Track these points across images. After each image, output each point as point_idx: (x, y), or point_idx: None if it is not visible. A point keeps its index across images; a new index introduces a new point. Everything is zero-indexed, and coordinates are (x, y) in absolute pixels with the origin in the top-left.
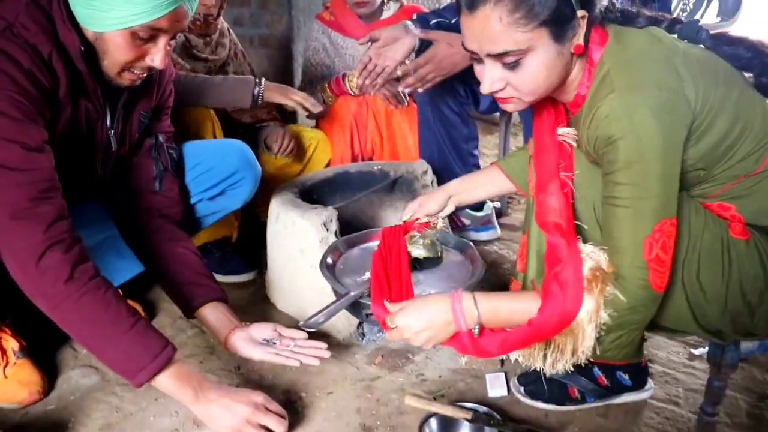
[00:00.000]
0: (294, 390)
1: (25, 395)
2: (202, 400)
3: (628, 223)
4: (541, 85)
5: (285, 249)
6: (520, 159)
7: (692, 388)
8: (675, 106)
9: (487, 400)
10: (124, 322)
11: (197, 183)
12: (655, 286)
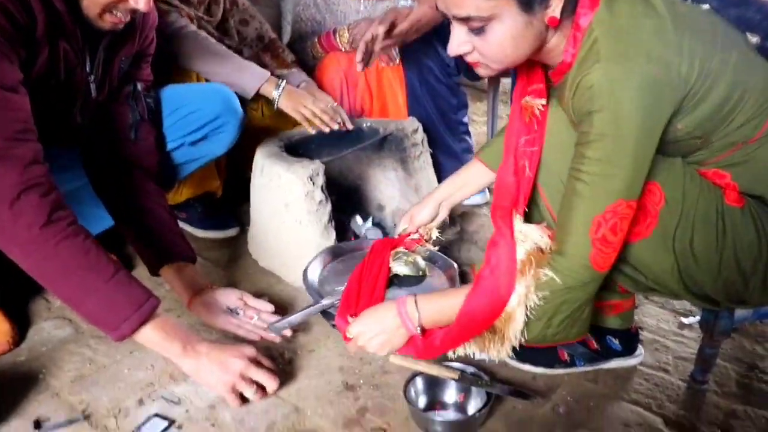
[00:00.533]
0: (275, 347)
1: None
2: (191, 354)
3: (585, 198)
4: (508, 55)
5: (269, 203)
6: (499, 146)
7: (682, 356)
8: (663, 81)
9: (474, 361)
10: (104, 271)
11: (178, 127)
12: (597, 265)
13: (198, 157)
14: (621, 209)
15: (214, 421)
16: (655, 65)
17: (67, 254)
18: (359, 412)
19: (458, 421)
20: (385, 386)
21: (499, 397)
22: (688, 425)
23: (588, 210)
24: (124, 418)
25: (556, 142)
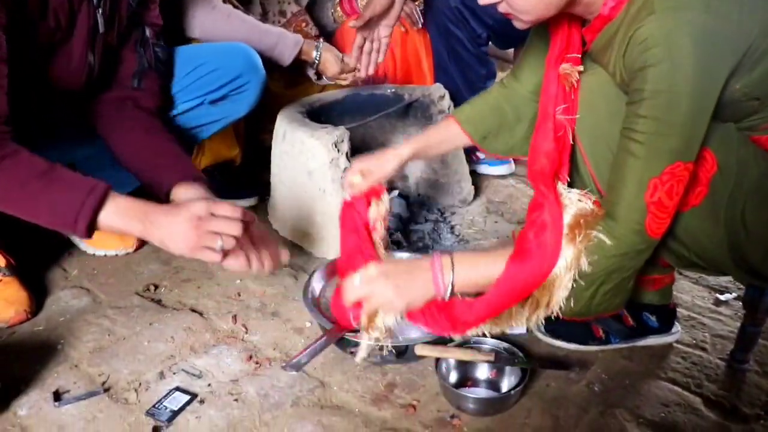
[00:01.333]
0: (301, 318)
1: (12, 314)
2: (151, 228)
3: (639, 159)
4: (536, 6)
5: (291, 171)
6: (479, 112)
7: (719, 333)
8: (722, 34)
9: (506, 337)
10: (46, 172)
11: (199, 85)
12: (651, 231)
13: (218, 119)
14: (678, 171)
15: (237, 395)
16: (714, 17)
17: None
18: (387, 388)
19: (493, 398)
20: (415, 362)
21: (532, 374)
22: (729, 406)
23: (643, 171)
24: (145, 392)
25: (598, 107)
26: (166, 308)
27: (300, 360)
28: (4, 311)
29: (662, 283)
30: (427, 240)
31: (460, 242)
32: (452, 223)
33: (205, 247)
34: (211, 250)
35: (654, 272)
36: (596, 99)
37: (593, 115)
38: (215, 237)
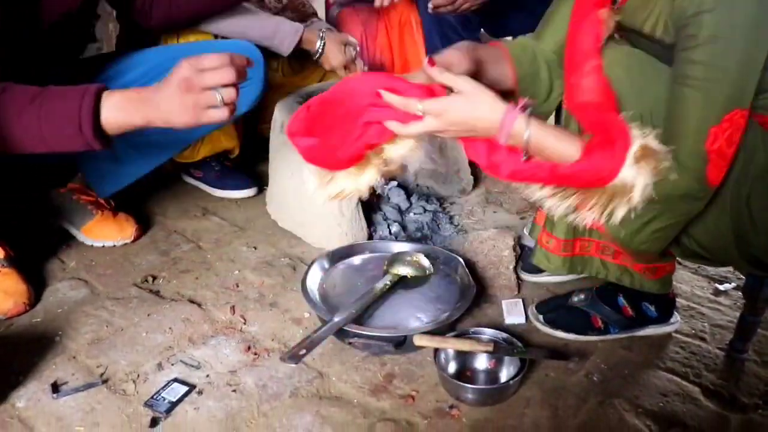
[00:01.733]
0: (298, 308)
1: (10, 306)
2: (151, 112)
3: (697, 107)
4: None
5: (289, 162)
6: (521, 45)
7: (718, 323)
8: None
9: (504, 327)
10: (37, 95)
11: None
12: (711, 179)
13: None
14: (736, 118)
15: (235, 386)
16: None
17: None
18: (386, 378)
19: (491, 388)
20: (413, 352)
21: (531, 364)
22: (728, 395)
23: (702, 119)
24: (143, 383)
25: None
26: (164, 299)
27: (298, 351)
28: (2, 303)
29: (663, 272)
30: (426, 230)
31: (459, 232)
32: (451, 214)
33: (206, 107)
34: (214, 108)
35: (656, 260)
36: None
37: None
38: (212, 93)
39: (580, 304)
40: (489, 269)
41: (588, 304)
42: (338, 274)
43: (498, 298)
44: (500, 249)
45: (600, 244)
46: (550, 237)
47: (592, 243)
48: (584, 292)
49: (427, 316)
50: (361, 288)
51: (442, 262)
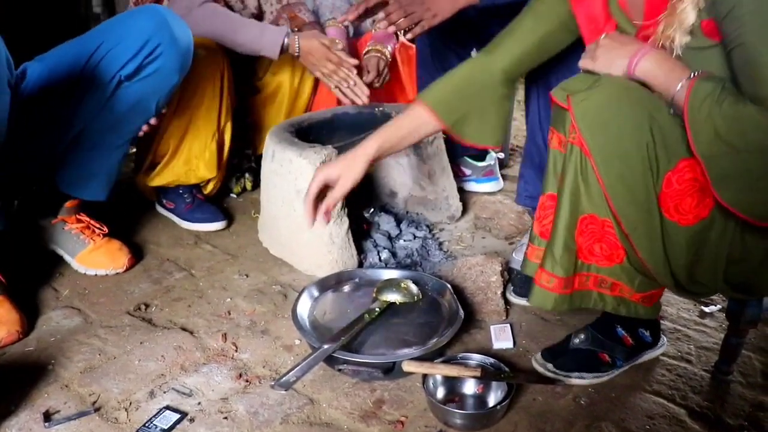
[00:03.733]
0: (289, 336)
1: (3, 334)
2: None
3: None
4: None
5: (280, 190)
6: (446, 87)
7: (704, 345)
8: None
9: (492, 352)
10: None
11: (109, 61)
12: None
13: (148, 94)
14: None
15: (227, 413)
16: None
17: None
18: (376, 405)
19: (479, 413)
20: (402, 378)
21: (519, 389)
22: (713, 417)
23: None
24: (135, 411)
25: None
26: (156, 327)
27: (289, 378)
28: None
29: (658, 296)
30: (416, 257)
31: (448, 258)
32: (440, 240)
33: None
34: None
35: (654, 287)
36: (607, 116)
37: (604, 133)
38: None
39: (582, 344)
40: (477, 295)
41: (591, 343)
42: (328, 301)
43: (486, 323)
44: (488, 275)
45: (598, 278)
46: (551, 276)
47: (590, 277)
48: (582, 332)
49: (415, 342)
50: (351, 315)
51: (431, 288)
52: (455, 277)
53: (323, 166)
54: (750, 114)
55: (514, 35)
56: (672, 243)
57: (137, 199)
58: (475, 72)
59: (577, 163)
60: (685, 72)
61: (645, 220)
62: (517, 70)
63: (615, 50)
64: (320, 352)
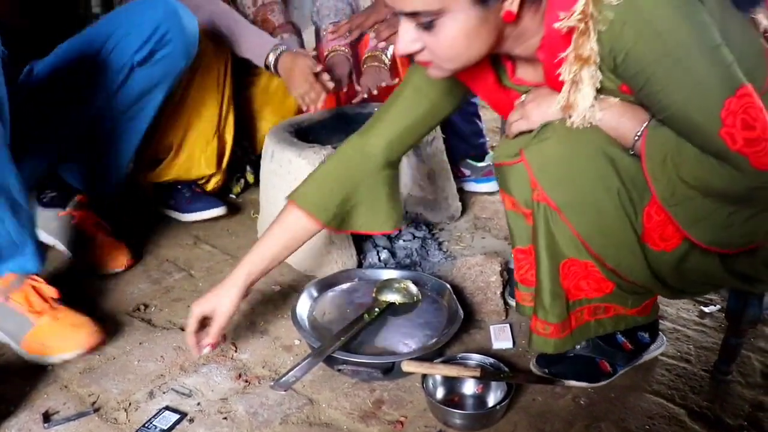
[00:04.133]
0: (289, 336)
1: (86, 337)
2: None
3: (698, 127)
4: (461, 53)
5: (279, 190)
6: (320, 183)
7: (704, 345)
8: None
9: (492, 352)
10: None
11: (122, 48)
12: (761, 166)
13: (156, 83)
14: (734, 106)
15: (226, 414)
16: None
17: None
18: (375, 405)
19: (478, 413)
20: (402, 378)
21: (518, 389)
22: (713, 417)
23: (711, 130)
24: (135, 411)
25: (573, 176)
26: (155, 327)
27: (288, 378)
28: (76, 336)
29: (653, 303)
30: (415, 257)
31: (448, 258)
32: (440, 240)
33: None
34: None
35: (646, 298)
36: (567, 169)
37: (569, 188)
38: None
39: (583, 351)
40: (477, 295)
41: (591, 350)
42: (328, 301)
43: (486, 323)
44: (488, 275)
45: (591, 308)
46: (545, 324)
47: (584, 310)
48: None
49: (415, 342)
50: (351, 315)
51: (430, 288)
52: (455, 277)
53: (197, 300)
54: (709, 164)
55: (391, 113)
56: (661, 265)
57: (136, 199)
58: (352, 160)
59: (547, 218)
60: (637, 117)
61: (629, 255)
62: (399, 150)
63: (546, 101)
64: (319, 352)
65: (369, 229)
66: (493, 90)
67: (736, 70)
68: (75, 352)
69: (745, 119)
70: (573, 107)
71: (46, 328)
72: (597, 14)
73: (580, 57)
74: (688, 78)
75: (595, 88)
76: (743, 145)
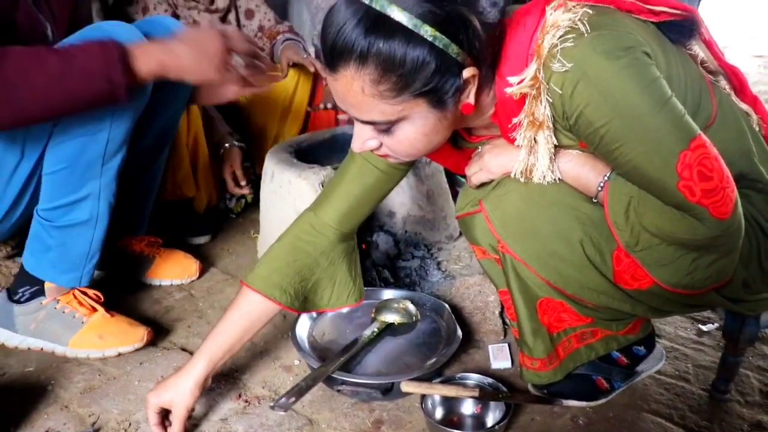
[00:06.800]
0: (289, 357)
1: (144, 332)
2: (174, 59)
3: (654, 179)
4: (420, 150)
5: (279, 210)
6: (275, 263)
7: (702, 364)
8: (626, 39)
9: (490, 372)
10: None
11: None
12: (719, 215)
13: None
14: (689, 159)
15: None
16: (610, 29)
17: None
18: (375, 425)
19: None
20: (401, 398)
21: (517, 408)
22: None
23: (669, 184)
24: (135, 431)
25: (536, 229)
26: (156, 348)
27: (288, 399)
28: (134, 331)
29: (640, 323)
30: (415, 276)
31: (447, 278)
32: (439, 259)
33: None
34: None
35: (631, 320)
36: (528, 222)
37: (532, 241)
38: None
39: (579, 369)
40: (475, 314)
41: (587, 368)
42: (327, 321)
43: (484, 342)
44: (486, 294)
45: (578, 335)
46: (532, 360)
47: (571, 339)
48: None
49: (414, 362)
50: (350, 335)
51: (429, 308)
52: (453, 296)
53: (153, 390)
54: (671, 214)
55: (342, 186)
56: (640, 298)
57: None
58: (306, 238)
59: (515, 267)
60: (598, 168)
61: (603, 295)
62: (352, 223)
63: (504, 152)
64: (319, 372)
65: (334, 306)
66: (450, 155)
67: (688, 121)
68: (134, 345)
69: (701, 171)
70: (531, 171)
71: (102, 323)
72: (547, 79)
73: (534, 122)
74: (641, 136)
75: (550, 151)
76: (702, 197)
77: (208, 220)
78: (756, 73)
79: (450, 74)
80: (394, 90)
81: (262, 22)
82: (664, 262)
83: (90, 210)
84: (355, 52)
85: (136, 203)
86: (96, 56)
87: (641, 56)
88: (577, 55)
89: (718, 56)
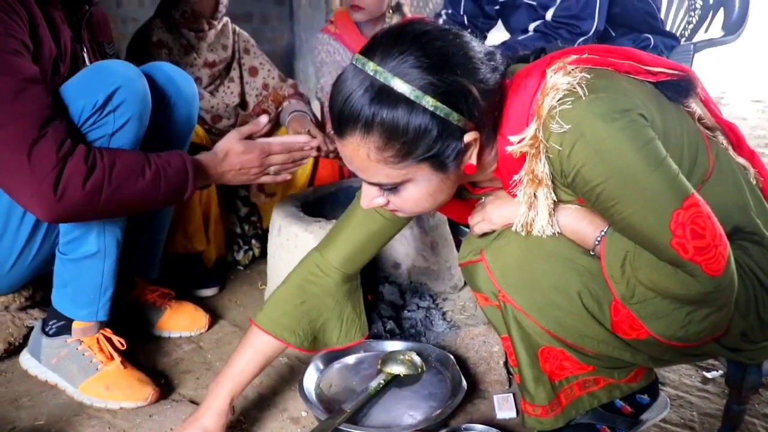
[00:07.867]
0: (296, 408)
1: (150, 392)
2: (216, 178)
3: (649, 237)
4: (426, 207)
5: (287, 264)
6: (283, 305)
7: (707, 412)
8: (622, 102)
9: (495, 422)
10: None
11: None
12: (712, 272)
13: None
14: (682, 217)
15: None
16: (608, 92)
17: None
18: None
19: None
20: None
21: None
22: None
23: (662, 242)
24: None
25: (536, 280)
26: (165, 400)
27: None
28: (141, 388)
29: (642, 371)
30: (420, 327)
31: (452, 328)
32: (444, 310)
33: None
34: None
35: (633, 369)
36: (528, 274)
37: (532, 293)
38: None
39: (583, 418)
40: (480, 364)
41: (591, 417)
42: (334, 373)
43: (489, 393)
44: (490, 344)
45: (580, 383)
46: (534, 407)
47: (573, 387)
48: None
49: (419, 413)
50: (356, 387)
51: (434, 359)
52: (458, 347)
53: (181, 427)
54: (666, 269)
55: (347, 229)
56: (639, 348)
57: None
58: (312, 279)
59: (515, 316)
60: (595, 222)
61: (603, 344)
62: (356, 265)
63: (506, 205)
64: (326, 424)
65: (343, 343)
66: (454, 205)
67: (682, 181)
68: (138, 403)
69: (694, 229)
70: (531, 225)
71: (114, 374)
72: (546, 139)
73: (534, 179)
74: (636, 195)
75: (549, 207)
76: (695, 254)
77: (216, 273)
78: (755, 118)
79: (452, 139)
80: (398, 156)
81: (266, 80)
82: (660, 315)
83: (97, 243)
84: (360, 120)
85: (147, 244)
86: (181, 172)
87: (637, 118)
88: (575, 117)
89: (714, 113)
